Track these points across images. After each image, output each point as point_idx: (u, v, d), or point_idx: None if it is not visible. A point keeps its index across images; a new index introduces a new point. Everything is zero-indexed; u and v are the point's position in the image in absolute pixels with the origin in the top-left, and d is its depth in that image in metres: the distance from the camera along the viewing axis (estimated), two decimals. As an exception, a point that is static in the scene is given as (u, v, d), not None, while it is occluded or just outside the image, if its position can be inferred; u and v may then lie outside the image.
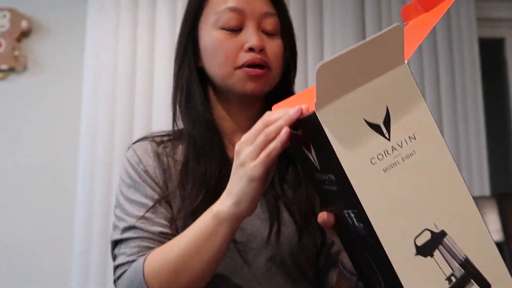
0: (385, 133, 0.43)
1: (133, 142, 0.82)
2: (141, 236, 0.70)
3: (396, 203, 0.43)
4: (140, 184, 0.74)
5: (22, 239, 1.87)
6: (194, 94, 0.78)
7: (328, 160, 0.45)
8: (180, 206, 0.73)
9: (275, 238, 0.74)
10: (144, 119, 1.87)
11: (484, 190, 2.04)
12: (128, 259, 0.68)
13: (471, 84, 2.09)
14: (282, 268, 0.74)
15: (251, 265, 0.72)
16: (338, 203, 0.49)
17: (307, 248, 0.78)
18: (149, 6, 1.94)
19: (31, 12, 1.99)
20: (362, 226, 0.44)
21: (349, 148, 0.42)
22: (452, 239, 0.44)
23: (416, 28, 0.52)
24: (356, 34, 2.04)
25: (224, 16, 0.73)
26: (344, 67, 0.42)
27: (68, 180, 1.89)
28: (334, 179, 0.46)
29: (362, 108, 0.43)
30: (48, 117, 1.96)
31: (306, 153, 0.50)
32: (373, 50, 0.42)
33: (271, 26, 0.76)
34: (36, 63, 1.98)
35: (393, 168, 0.43)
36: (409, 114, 0.44)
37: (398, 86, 0.44)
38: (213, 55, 0.75)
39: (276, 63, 0.77)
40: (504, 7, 2.29)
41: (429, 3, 0.54)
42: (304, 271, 0.77)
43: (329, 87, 0.42)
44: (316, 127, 0.43)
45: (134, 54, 1.92)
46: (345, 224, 0.49)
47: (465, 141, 2.05)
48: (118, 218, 0.74)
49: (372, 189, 0.43)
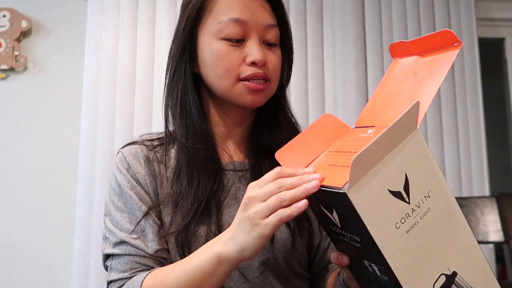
0: (406, 198, 0.48)
1: (122, 146, 0.80)
2: (132, 253, 0.70)
3: (417, 257, 0.48)
4: (129, 194, 0.73)
5: (22, 239, 1.87)
6: (189, 103, 0.76)
7: (353, 225, 0.48)
8: (172, 219, 0.72)
9: (269, 243, 0.74)
10: (144, 119, 1.87)
11: (484, 190, 2.04)
12: (121, 276, 0.69)
13: (471, 84, 2.09)
14: (275, 272, 0.75)
15: (245, 269, 0.73)
16: (359, 254, 0.53)
17: (299, 251, 0.79)
18: (149, 6, 1.94)
19: (31, 12, 1.99)
20: (387, 278, 0.49)
21: (377, 218, 0.46)
22: (461, 277, 0.50)
23: (422, 83, 0.54)
24: (356, 34, 2.04)
25: (227, 27, 0.71)
26: (371, 152, 0.46)
27: (68, 180, 1.90)
28: (359, 240, 0.50)
29: (385, 179, 0.47)
30: (48, 117, 1.96)
31: (324, 210, 0.53)
32: (395, 130, 0.47)
33: (272, 37, 0.76)
34: (36, 63, 1.98)
35: (414, 228, 0.48)
36: (423, 175, 0.49)
37: (413, 151, 0.48)
38: (213, 66, 0.73)
39: (276, 74, 0.77)
40: (504, 7, 2.29)
41: (421, 48, 0.56)
42: (296, 273, 0.78)
43: (359, 170, 0.45)
44: (345, 202, 0.46)
45: (134, 54, 1.92)
46: (363, 267, 0.54)
47: (465, 141, 2.05)
48: (108, 230, 0.73)
49: (397, 250, 0.47)
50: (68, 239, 1.84)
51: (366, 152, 0.45)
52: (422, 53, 0.57)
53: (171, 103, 0.78)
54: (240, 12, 0.72)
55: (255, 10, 0.73)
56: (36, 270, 1.85)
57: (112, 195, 0.75)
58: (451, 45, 0.53)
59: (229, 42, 0.72)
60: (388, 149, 0.47)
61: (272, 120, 0.82)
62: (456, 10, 2.12)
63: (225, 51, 0.72)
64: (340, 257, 0.58)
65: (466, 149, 2.05)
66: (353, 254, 0.55)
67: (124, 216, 0.72)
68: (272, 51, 0.76)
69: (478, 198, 1.79)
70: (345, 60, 2.02)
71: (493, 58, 2.45)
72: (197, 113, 0.75)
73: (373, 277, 0.53)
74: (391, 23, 2.07)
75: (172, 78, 0.77)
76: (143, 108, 1.88)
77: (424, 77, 0.54)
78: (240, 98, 0.73)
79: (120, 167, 0.76)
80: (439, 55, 0.54)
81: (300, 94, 1.98)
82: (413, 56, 0.58)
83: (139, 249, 0.70)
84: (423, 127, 2.03)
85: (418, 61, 0.57)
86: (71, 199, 1.87)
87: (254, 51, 0.72)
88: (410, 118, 0.48)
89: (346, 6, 2.05)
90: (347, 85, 2.01)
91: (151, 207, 0.72)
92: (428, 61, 0.55)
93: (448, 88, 2.07)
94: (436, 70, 0.53)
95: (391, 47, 0.61)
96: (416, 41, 0.57)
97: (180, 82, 0.76)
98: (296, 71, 1.98)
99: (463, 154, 2.05)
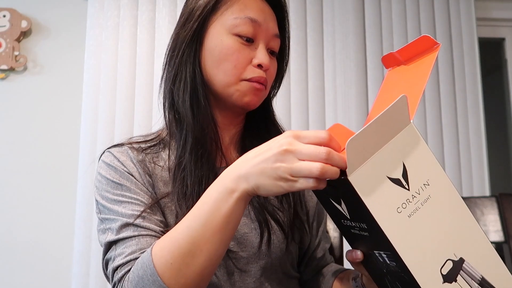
0: (405, 184, 0.51)
1: (108, 147, 0.77)
2: (141, 233, 0.65)
3: (421, 241, 0.51)
4: (127, 187, 0.70)
5: (22, 239, 1.87)
6: (199, 90, 0.75)
7: (359, 213, 0.51)
8: (178, 214, 0.69)
9: (266, 247, 0.74)
10: (144, 119, 1.87)
11: (484, 190, 2.04)
12: (129, 258, 0.64)
13: (471, 84, 2.09)
14: (272, 275, 0.75)
15: (242, 273, 0.73)
16: (369, 245, 0.56)
17: (293, 254, 0.80)
18: (149, 6, 1.94)
19: (31, 12, 1.99)
20: (395, 264, 0.52)
21: (378, 202, 0.50)
22: (469, 263, 0.52)
23: (410, 86, 0.59)
24: (356, 34, 2.04)
25: (243, 24, 0.73)
26: (366, 138, 0.49)
27: (68, 179, 1.90)
28: (366, 227, 0.53)
29: (384, 167, 0.51)
30: (48, 117, 1.96)
31: (334, 204, 0.56)
32: (387, 119, 0.51)
33: (275, 47, 0.78)
34: (36, 63, 1.98)
35: (415, 213, 0.51)
36: (420, 165, 0.52)
37: (408, 143, 0.52)
38: (221, 60, 0.73)
39: (271, 82, 0.79)
40: (504, 7, 2.29)
41: (408, 55, 0.61)
42: (289, 274, 0.80)
43: (356, 156, 0.49)
44: (348, 188, 0.49)
45: (134, 54, 1.92)
46: (375, 260, 0.56)
47: (465, 141, 2.05)
48: (107, 220, 0.69)
49: (401, 234, 0.50)
50: (68, 239, 1.84)
51: (359, 136, 0.48)
52: (409, 60, 0.62)
53: (177, 90, 0.76)
54: (256, 13, 0.74)
55: (268, 17, 0.76)
56: (36, 270, 1.85)
57: (104, 192, 0.72)
58: (430, 48, 0.57)
59: (240, 40, 0.73)
60: (384, 140, 0.51)
61: (260, 128, 0.83)
62: (456, 10, 2.12)
63: (236, 48, 0.73)
64: (354, 253, 0.58)
65: (466, 149, 2.05)
66: (365, 247, 0.57)
67: (124, 206, 0.68)
68: (273, 60, 0.78)
69: (478, 198, 1.79)
70: (345, 60, 2.02)
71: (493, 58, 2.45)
72: (206, 100, 0.75)
73: (385, 267, 0.55)
74: (391, 23, 2.07)
75: (180, 62, 0.76)
76: (143, 108, 1.88)
77: (410, 80, 0.59)
78: (240, 96, 0.74)
79: (112, 164, 0.73)
80: (422, 59, 0.59)
81: (300, 94, 1.97)
82: (402, 65, 0.63)
83: (148, 229, 0.66)
84: (423, 127, 2.03)
85: (406, 68, 0.62)
86: (71, 199, 1.87)
87: (263, 55, 0.74)
88: (401, 111, 0.51)
89: (346, 6, 2.05)
90: (347, 85, 2.01)
91: (155, 199, 0.70)
92: (413, 66, 0.60)
93: (448, 88, 2.07)
94: (419, 72, 0.58)
95: (383, 60, 0.66)
96: (402, 49, 0.61)
97: (190, 69, 0.75)
98: (296, 71, 1.98)
99: (463, 154, 2.05)
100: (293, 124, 1.94)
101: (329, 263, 0.88)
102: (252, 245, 0.73)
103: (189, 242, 0.57)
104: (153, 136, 0.81)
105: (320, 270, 0.86)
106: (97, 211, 0.73)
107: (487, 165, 2.07)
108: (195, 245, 0.57)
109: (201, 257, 0.57)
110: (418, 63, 0.59)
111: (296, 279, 0.83)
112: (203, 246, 0.57)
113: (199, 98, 0.75)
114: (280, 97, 1.94)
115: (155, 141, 0.79)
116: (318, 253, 0.86)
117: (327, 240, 0.91)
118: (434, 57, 0.56)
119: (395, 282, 0.55)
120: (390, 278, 0.56)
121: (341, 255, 1.10)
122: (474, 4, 2.13)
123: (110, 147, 0.77)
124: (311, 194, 0.87)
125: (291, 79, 1.98)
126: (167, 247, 0.58)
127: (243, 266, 0.73)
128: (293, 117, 1.96)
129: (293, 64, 1.99)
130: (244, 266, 0.73)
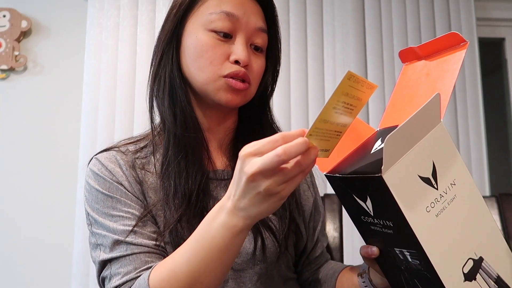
0: (434, 184, 0.51)
1: (96, 154, 0.76)
2: (134, 252, 0.64)
3: (446, 240, 0.51)
4: (117, 198, 0.68)
5: (22, 239, 1.87)
6: (177, 89, 0.73)
7: (387, 211, 0.51)
8: (166, 215, 0.68)
9: (261, 252, 0.73)
10: (144, 119, 1.87)
11: (484, 190, 2.04)
12: (125, 278, 0.63)
13: (471, 84, 2.09)
14: (268, 279, 0.75)
15: (238, 279, 0.72)
16: (390, 242, 0.55)
17: (288, 256, 0.80)
18: (149, 6, 1.94)
19: (31, 12, 1.99)
20: (418, 262, 0.52)
21: (409, 201, 0.49)
22: (487, 262, 0.53)
23: (435, 82, 0.57)
24: (356, 34, 2.04)
25: (218, 19, 0.70)
26: (402, 135, 0.49)
27: (68, 180, 1.90)
28: (391, 225, 0.53)
29: (415, 166, 0.50)
30: (48, 117, 1.96)
31: (357, 201, 0.56)
32: (421, 117, 0.50)
33: (260, 42, 0.74)
34: (36, 63, 1.98)
35: (442, 212, 0.51)
36: (448, 164, 0.53)
37: (438, 142, 0.52)
38: (196, 57, 0.71)
39: (256, 80, 0.75)
40: (504, 7, 2.29)
41: (429, 49, 0.60)
42: (286, 277, 0.79)
43: (392, 153, 0.49)
44: (380, 186, 0.49)
45: (134, 54, 1.92)
46: (392, 257, 0.57)
47: (465, 141, 2.05)
48: (98, 235, 0.67)
49: (429, 233, 0.50)
50: (68, 239, 1.84)
51: (396, 133, 0.48)
52: (430, 55, 0.60)
53: (157, 91, 0.75)
54: (234, 7, 0.71)
55: (248, 10, 0.72)
56: (36, 270, 1.85)
57: (95, 203, 0.69)
58: (457, 45, 0.56)
59: (216, 35, 0.71)
60: (417, 138, 0.50)
61: (256, 130, 0.79)
62: (456, 10, 2.12)
63: (211, 44, 0.70)
64: (370, 249, 0.58)
65: (466, 149, 2.05)
66: (382, 244, 0.57)
67: (115, 220, 0.67)
68: (257, 56, 0.75)
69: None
70: (345, 60, 2.02)
71: (493, 58, 2.45)
72: (186, 100, 0.73)
73: (404, 265, 0.55)
74: (391, 23, 2.07)
75: (159, 65, 0.75)
76: (143, 108, 1.88)
77: (437, 76, 0.57)
78: (217, 94, 0.71)
79: (100, 174, 0.71)
80: (448, 56, 0.57)
81: (300, 94, 1.97)
82: (422, 60, 0.61)
83: (142, 246, 0.65)
84: (423, 127, 2.03)
85: (428, 63, 0.60)
86: (71, 199, 1.87)
87: (240, 50, 0.70)
88: (434, 109, 0.51)
89: (346, 6, 2.05)
90: (347, 85, 2.01)
91: (147, 209, 0.69)
92: (439, 62, 0.58)
93: (448, 88, 2.07)
94: (448, 68, 0.56)
95: (400, 54, 0.64)
96: (425, 45, 0.60)
97: (168, 68, 0.74)
98: (296, 71, 1.98)
99: (463, 154, 2.04)
100: (293, 124, 1.94)
101: (327, 261, 0.88)
102: (246, 251, 0.72)
103: (189, 276, 0.56)
104: (141, 137, 0.79)
105: (319, 268, 0.86)
106: (88, 223, 0.72)
107: (487, 165, 2.07)
108: (195, 278, 0.56)
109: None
110: (443, 60, 0.58)
111: (293, 280, 0.82)
112: (203, 279, 0.56)
113: (178, 97, 0.73)
114: (280, 97, 1.94)
115: (143, 142, 0.77)
116: (316, 252, 0.86)
117: (325, 238, 0.91)
118: (462, 55, 0.55)
119: (413, 279, 0.55)
120: (407, 275, 0.56)
121: (341, 255, 1.10)
122: (474, 4, 2.13)
123: (98, 153, 0.76)
124: (308, 196, 0.87)
125: (291, 79, 1.98)
126: (165, 280, 0.57)
127: (238, 273, 0.72)
128: (293, 117, 1.96)
129: (293, 64, 1.99)
130: (239, 272, 0.72)
